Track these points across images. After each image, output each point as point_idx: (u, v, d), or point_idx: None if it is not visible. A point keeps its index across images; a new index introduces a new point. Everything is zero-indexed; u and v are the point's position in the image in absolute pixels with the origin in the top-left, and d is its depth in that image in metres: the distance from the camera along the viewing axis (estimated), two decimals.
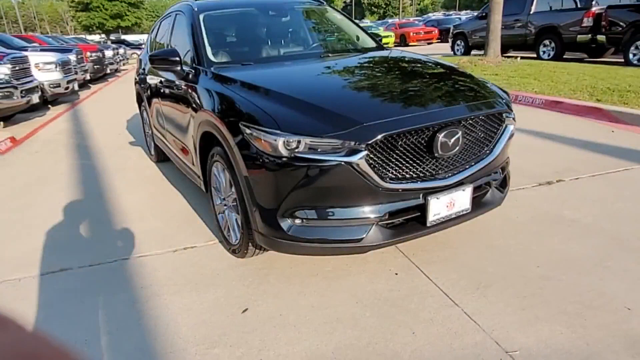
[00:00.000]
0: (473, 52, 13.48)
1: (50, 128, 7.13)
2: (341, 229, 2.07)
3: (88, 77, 12.26)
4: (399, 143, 2.00)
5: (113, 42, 31.46)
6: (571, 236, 2.64)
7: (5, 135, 6.06)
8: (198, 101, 2.69)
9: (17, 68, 6.99)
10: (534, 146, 4.42)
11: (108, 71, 15.79)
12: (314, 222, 2.07)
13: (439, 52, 15.43)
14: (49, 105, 9.25)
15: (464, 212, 2.24)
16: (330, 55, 3.40)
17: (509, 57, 11.10)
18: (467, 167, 2.22)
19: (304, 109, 2.11)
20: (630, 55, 9.19)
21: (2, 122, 7.08)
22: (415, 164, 2.07)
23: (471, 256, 2.48)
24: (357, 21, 6.03)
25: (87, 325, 2.09)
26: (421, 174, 2.09)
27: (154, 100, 4.02)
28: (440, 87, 2.53)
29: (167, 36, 3.86)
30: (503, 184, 2.57)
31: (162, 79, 3.60)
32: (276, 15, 3.78)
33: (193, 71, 2.93)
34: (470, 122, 2.20)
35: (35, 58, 8.27)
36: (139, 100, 4.93)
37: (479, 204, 2.38)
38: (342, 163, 1.92)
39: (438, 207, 2.13)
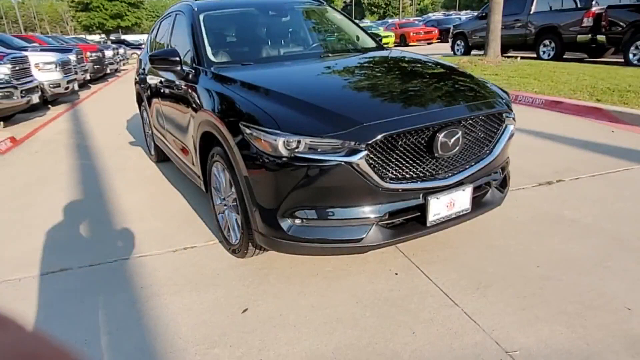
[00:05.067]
0: (473, 52, 13.48)
1: (50, 128, 7.13)
2: (341, 229, 2.07)
3: (88, 77, 12.26)
4: (399, 143, 2.00)
5: (113, 42, 31.44)
6: (571, 236, 2.64)
7: (5, 135, 6.06)
8: (198, 101, 2.69)
9: (17, 68, 6.99)
10: (534, 146, 4.42)
11: (108, 71, 15.79)
12: (314, 222, 2.07)
13: (439, 52, 15.42)
14: (49, 105, 9.25)
15: (464, 212, 2.24)
16: (330, 55, 3.40)
17: (509, 57, 11.09)
18: (467, 167, 2.22)
19: (304, 109, 2.11)
20: (630, 55, 9.19)
21: (2, 122, 7.08)
22: (415, 164, 2.07)
23: (471, 256, 2.48)
24: (357, 21, 6.03)
25: (87, 325, 2.09)
26: (421, 174, 2.09)
27: (154, 100, 4.02)
28: (440, 87, 2.53)
29: (167, 36, 3.86)
30: (503, 184, 2.57)
31: (162, 79, 3.60)
32: (276, 15, 3.78)
33: (193, 71, 2.93)
34: (470, 122, 2.20)
35: (35, 58, 8.27)
36: (139, 100, 4.93)
37: (479, 204, 2.38)
38: (342, 163, 1.92)
39: (438, 207, 2.13)
